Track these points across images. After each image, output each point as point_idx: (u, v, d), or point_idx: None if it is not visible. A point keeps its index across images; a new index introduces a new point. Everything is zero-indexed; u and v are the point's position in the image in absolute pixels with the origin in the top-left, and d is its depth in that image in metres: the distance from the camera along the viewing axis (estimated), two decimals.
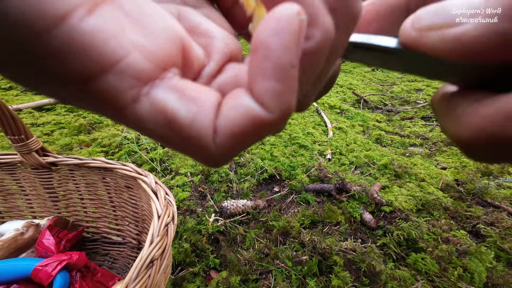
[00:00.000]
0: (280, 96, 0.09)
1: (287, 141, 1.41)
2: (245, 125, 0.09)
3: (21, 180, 0.60)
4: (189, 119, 0.09)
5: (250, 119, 0.09)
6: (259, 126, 0.09)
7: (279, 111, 0.09)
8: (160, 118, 0.09)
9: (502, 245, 0.73)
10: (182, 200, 0.89)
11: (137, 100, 0.09)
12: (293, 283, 0.64)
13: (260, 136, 0.10)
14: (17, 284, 0.44)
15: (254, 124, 0.09)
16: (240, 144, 0.10)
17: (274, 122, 0.09)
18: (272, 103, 0.09)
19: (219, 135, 0.09)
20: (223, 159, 0.10)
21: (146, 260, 0.30)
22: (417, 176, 1.10)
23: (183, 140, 0.09)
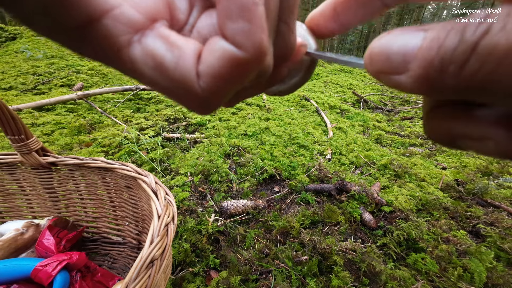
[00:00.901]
0: (250, 34, 0.10)
1: (287, 141, 1.41)
2: (223, 66, 0.10)
3: (21, 180, 0.60)
4: (173, 62, 0.10)
5: (226, 59, 0.10)
6: (237, 65, 0.10)
7: (253, 48, 0.10)
8: (150, 62, 0.11)
9: (502, 245, 0.73)
10: (182, 200, 0.89)
11: (130, 45, 0.11)
12: (293, 283, 0.64)
13: (241, 76, 0.11)
14: (17, 284, 0.44)
15: (231, 64, 0.10)
16: (224, 85, 0.11)
17: (250, 60, 0.10)
18: (244, 42, 0.10)
19: (202, 78, 0.11)
20: (211, 103, 0.12)
21: (146, 260, 0.30)
22: (417, 176, 1.10)
23: (171, 83, 0.11)
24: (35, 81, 2.02)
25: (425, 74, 0.10)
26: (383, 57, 0.11)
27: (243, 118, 1.74)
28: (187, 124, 1.62)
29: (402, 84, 0.11)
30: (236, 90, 0.12)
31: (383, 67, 0.11)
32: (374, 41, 0.12)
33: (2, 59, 2.48)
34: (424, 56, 0.10)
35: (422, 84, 0.10)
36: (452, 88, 0.09)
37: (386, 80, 0.11)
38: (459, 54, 0.09)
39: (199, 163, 1.10)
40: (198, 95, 0.11)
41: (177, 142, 1.36)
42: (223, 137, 1.40)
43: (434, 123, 0.12)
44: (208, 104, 0.12)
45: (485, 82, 0.09)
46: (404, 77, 0.11)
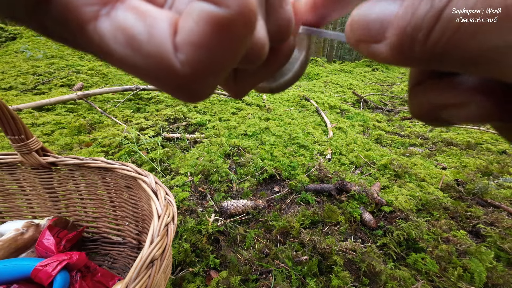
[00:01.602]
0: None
1: (287, 141, 1.41)
2: (203, 30, 0.09)
3: (21, 180, 0.60)
4: (145, 33, 0.09)
5: (206, 21, 0.09)
6: (219, 27, 0.09)
7: (236, 4, 0.09)
8: (120, 37, 0.09)
9: (502, 245, 0.73)
10: (182, 200, 0.89)
11: (97, 18, 0.09)
12: (293, 283, 0.64)
13: (226, 42, 0.09)
14: (17, 284, 0.44)
15: (212, 25, 0.09)
16: (207, 56, 0.09)
17: (234, 18, 0.09)
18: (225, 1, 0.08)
19: (181, 50, 0.09)
20: (196, 83, 0.10)
21: (146, 260, 0.30)
22: (417, 176, 1.10)
23: (145, 60, 0.09)
24: (35, 81, 2.02)
25: (400, 42, 0.10)
26: (362, 25, 0.11)
27: (243, 118, 1.74)
28: (187, 124, 1.62)
29: (380, 53, 0.11)
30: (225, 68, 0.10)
31: (362, 36, 0.11)
32: (354, 10, 0.12)
33: (2, 59, 2.48)
34: (399, 23, 0.10)
35: (397, 53, 0.10)
36: (421, 57, 0.10)
37: (366, 50, 0.11)
38: (427, 21, 0.09)
39: (199, 163, 1.10)
40: (177, 72, 0.09)
41: (177, 142, 1.36)
42: (223, 137, 1.40)
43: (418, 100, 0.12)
44: (192, 85, 0.10)
45: (446, 50, 0.09)
46: (382, 45, 0.11)
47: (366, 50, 0.11)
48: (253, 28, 0.10)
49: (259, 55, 0.12)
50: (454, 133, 1.77)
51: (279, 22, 0.12)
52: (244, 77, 0.15)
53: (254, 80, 0.15)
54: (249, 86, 0.15)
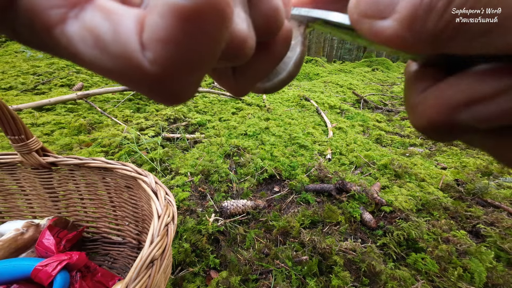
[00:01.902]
0: None
1: (287, 141, 1.41)
2: (169, 24, 0.08)
3: (21, 180, 0.60)
4: (111, 32, 0.08)
5: (171, 13, 0.08)
6: (186, 20, 0.08)
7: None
8: (87, 38, 0.09)
9: (502, 245, 0.73)
10: (182, 200, 0.89)
11: (65, 21, 0.09)
12: (293, 283, 0.64)
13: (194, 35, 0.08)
14: (17, 284, 0.44)
15: (178, 18, 0.08)
16: (175, 52, 0.08)
17: (201, 9, 0.08)
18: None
19: (148, 48, 0.08)
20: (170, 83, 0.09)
21: (146, 260, 0.30)
22: (417, 176, 1.10)
23: (113, 60, 0.09)
24: (35, 81, 2.02)
25: (413, 15, 0.09)
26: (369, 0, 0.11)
27: (243, 118, 1.74)
28: (187, 124, 1.62)
29: (385, 31, 0.10)
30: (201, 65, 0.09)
31: (369, 9, 0.11)
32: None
33: (2, 59, 2.49)
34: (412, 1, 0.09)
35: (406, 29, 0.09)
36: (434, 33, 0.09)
37: (368, 28, 0.11)
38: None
39: (199, 163, 1.10)
40: (147, 72, 0.09)
41: (177, 142, 1.36)
42: (223, 137, 1.40)
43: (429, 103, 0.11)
44: (166, 85, 0.09)
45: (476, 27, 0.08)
46: (388, 21, 0.10)
47: (369, 28, 0.11)
48: (228, 20, 0.09)
49: (242, 51, 0.11)
50: None
51: (264, 13, 0.11)
52: (243, 74, 0.14)
53: (254, 77, 0.14)
54: (250, 84, 0.15)
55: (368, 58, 6.35)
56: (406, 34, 0.09)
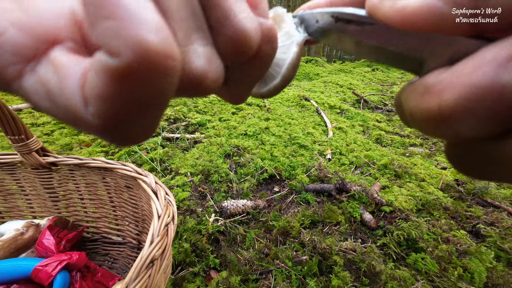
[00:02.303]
0: (120, 33, 0.08)
1: (287, 141, 1.41)
2: (103, 83, 0.08)
3: (21, 180, 0.60)
4: (57, 87, 0.09)
5: (104, 72, 0.08)
6: (118, 78, 0.08)
7: (129, 51, 0.08)
8: (40, 91, 0.09)
9: (502, 245, 0.73)
10: (182, 200, 0.89)
11: (21, 76, 0.09)
12: (293, 283, 0.64)
13: (130, 90, 0.08)
14: (17, 284, 0.44)
15: (110, 77, 0.08)
16: (113, 107, 0.08)
17: (130, 67, 0.08)
18: (115, 45, 0.08)
19: (89, 103, 0.08)
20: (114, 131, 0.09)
21: (146, 260, 0.30)
22: (417, 176, 1.10)
23: (63, 112, 0.09)
24: None
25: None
26: None
27: (243, 118, 1.74)
28: (187, 124, 1.62)
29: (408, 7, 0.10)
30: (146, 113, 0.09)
31: None
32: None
33: None
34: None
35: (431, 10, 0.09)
36: None
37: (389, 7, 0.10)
38: None
39: (199, 163, 1.10)
40: (92, 124, 0.09)
41: (177, 142, 1.36)
42: (223, 137, 1.40)
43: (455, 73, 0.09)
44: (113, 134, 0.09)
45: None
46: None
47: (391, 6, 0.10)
48: (170, 71, 0.08)
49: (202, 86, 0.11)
50: None
51: (229, 40, 0.11)
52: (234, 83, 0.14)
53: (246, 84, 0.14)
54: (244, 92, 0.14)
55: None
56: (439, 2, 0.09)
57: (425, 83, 0.10)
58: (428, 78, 0.10)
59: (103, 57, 0.08)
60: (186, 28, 0.10)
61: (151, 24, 0.08)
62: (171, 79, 0.09)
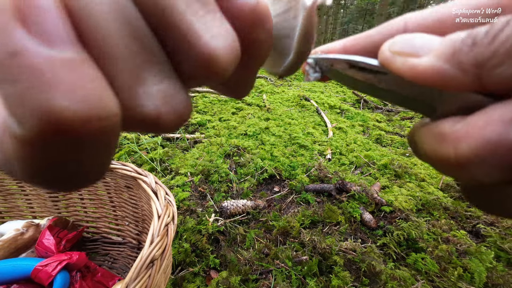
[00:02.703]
0: (23, 99, 0.06)
1: (287, 141, 1.41)
2: (18, 150, 0.07)
3: (21, 180, 0.60)
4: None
5: (13, 140, 0.07)
6: (28, 146, 0.07)
7: (34, 120, 0.06)
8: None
9: (502, 245, 0.73)
10: (182, 200, 0.89)
11: None
12: (293, 283, 0.64)
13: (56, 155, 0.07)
14: (17, 284, 0.44)
15: (21, 145, 0.07)
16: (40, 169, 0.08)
17: (38, 136, 0.07)
18: (18, 113, 0.06)
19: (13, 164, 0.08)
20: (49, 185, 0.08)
21: (146, 260, 0.30)
22: (417, 176, 1.10)
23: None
24: None
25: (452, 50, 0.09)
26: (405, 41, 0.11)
27: (243, 118, 1.74)
28: (187, 124, 1.62)
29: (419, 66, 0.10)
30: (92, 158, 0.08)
31: (404, 47, 0.11)
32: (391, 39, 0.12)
33: None
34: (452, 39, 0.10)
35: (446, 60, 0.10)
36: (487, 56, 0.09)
37: (401, 63, 0.11)
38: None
39: (199, 163, 1.10)
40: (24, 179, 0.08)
41: (177, 142, 1.36)
42: (223, 137, 1.40)
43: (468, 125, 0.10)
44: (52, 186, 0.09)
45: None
46: (425, 58, 0.10)
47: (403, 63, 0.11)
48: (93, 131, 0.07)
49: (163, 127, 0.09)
50: None
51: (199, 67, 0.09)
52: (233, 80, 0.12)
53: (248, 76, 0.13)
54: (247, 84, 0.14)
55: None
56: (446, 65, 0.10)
57: (441, 131, 0.11)
58: (444, 125, 0.11)
59: (9, 122, 0.07)
60: (131, 69, 0.08)
61: (65, 86, 0.06)
62: (102, 137, 0.07)
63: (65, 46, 0.07)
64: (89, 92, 0.07)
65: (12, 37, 0.06)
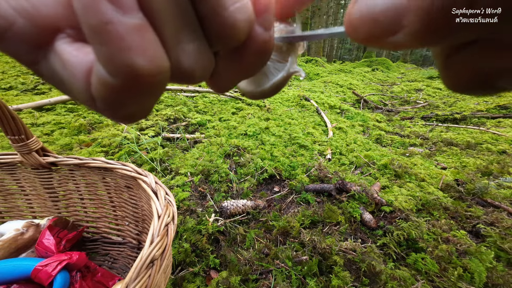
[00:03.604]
0: (113, 59, 0.09)
1: (287, 141, 1.41)
2: (105, 92, 0.10)
3: (21, 180, 0.60)
4: (69, 83, 0.10)
5: (104, 86, 0.09)
6: (115, 90, 0.09)
7: (122, 74, 0.09)
8: (56, 79, 0.10)
9: (502, 245, 0.73)
10: (182, 200, 0.89)
11: (37, 62, 0.10)
12: (293, 283, 0.64)
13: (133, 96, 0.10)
14: (17, 284, 0.44)
15: (109, 89, 0.09)
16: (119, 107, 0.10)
17: (124, 85, 0.09)
18: (110, 69, 0.09)
19: (97, 101, 0.10)
20: (117, 115, 0.11)
21: (146, 260, 0.30)
22: (417, 176, 1.10)
23: (77, 99, 0.11)
24: (35, 81, 2.02)
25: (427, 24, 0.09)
26: (368, 22, 0.10)
27: (243, 118, 1.74)
28: (187, 124, 1.62)
29: (400, 43, 0.10)
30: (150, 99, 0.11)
31: (372, 32, 0.10)
32: (349, 8, 0.11)
33: (2, 59, 2.48)
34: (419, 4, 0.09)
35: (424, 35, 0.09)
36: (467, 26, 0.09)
37: (380, 45, 0.10)
38: None
39: (199, 163, 1.10)
40: (100, 110, 0.11)
41: (177, 142, 1.36)
42: (223, 137, 1.40)
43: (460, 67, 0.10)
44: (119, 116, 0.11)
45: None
46: (400, 35, 0.09)
47: (381, 44, 0.10)
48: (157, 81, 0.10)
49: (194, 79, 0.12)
50: (454, 133, 1.77)
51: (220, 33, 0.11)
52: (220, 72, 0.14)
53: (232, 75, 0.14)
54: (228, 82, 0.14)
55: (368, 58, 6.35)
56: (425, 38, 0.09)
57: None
58: None
59: (102, 71, 0.09)
60: (174, 28, 0.10)
61: (139, 48, 0.09)
62: (162, 85, 0.10)
63: (133, 12, 0.09)
64: (153, 53, 0.09)
65: (104, 9, 0.08)
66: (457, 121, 2.05)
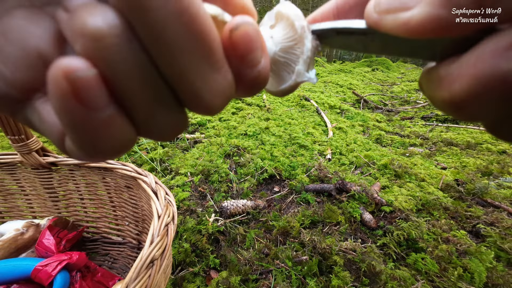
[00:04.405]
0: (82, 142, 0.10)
1: (287, 141, 1.41)
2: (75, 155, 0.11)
3: (21, 180, 0.60)
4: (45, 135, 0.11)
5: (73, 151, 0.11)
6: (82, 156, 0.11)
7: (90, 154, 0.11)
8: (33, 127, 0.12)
9: (502, 245, 0.73)
10: (182, 200, 0.89)
11: (16, 114, 0.11)
12: (293, 283, 0.64)
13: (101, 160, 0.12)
14: (17, 284, 0.44)
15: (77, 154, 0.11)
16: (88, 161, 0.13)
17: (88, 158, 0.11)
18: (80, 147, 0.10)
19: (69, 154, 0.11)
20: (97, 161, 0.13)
21: (146, 260, 0.30)
22: (417, 176, 1.10)
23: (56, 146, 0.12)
24: None
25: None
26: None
27: (243, 118, 1.74)
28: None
29: (413, 20, 0.10)
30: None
31: (391, 4, 0.10)
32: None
33: None
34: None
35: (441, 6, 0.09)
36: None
37: (392, 21, 0.10)
38: None
39: (199, 163, 1.10)
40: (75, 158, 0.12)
41: (177, 142, 1.36)
42: (223, 137, 1.40)
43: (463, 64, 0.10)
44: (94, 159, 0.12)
45: None
46: (416, 9, 0.10)
47: (393, 21, 0.10)
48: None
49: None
50: (454, 133, 1.77)
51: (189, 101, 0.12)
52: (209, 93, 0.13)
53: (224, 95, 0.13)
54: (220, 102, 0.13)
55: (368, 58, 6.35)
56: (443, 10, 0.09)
57: (438, 75, 0.11)
58: (440, 69, 0.11)
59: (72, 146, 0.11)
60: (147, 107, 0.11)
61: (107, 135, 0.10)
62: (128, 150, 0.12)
63: (105, 109, 0.09)
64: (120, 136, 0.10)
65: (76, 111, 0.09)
66: (457, 121, 2.05)
